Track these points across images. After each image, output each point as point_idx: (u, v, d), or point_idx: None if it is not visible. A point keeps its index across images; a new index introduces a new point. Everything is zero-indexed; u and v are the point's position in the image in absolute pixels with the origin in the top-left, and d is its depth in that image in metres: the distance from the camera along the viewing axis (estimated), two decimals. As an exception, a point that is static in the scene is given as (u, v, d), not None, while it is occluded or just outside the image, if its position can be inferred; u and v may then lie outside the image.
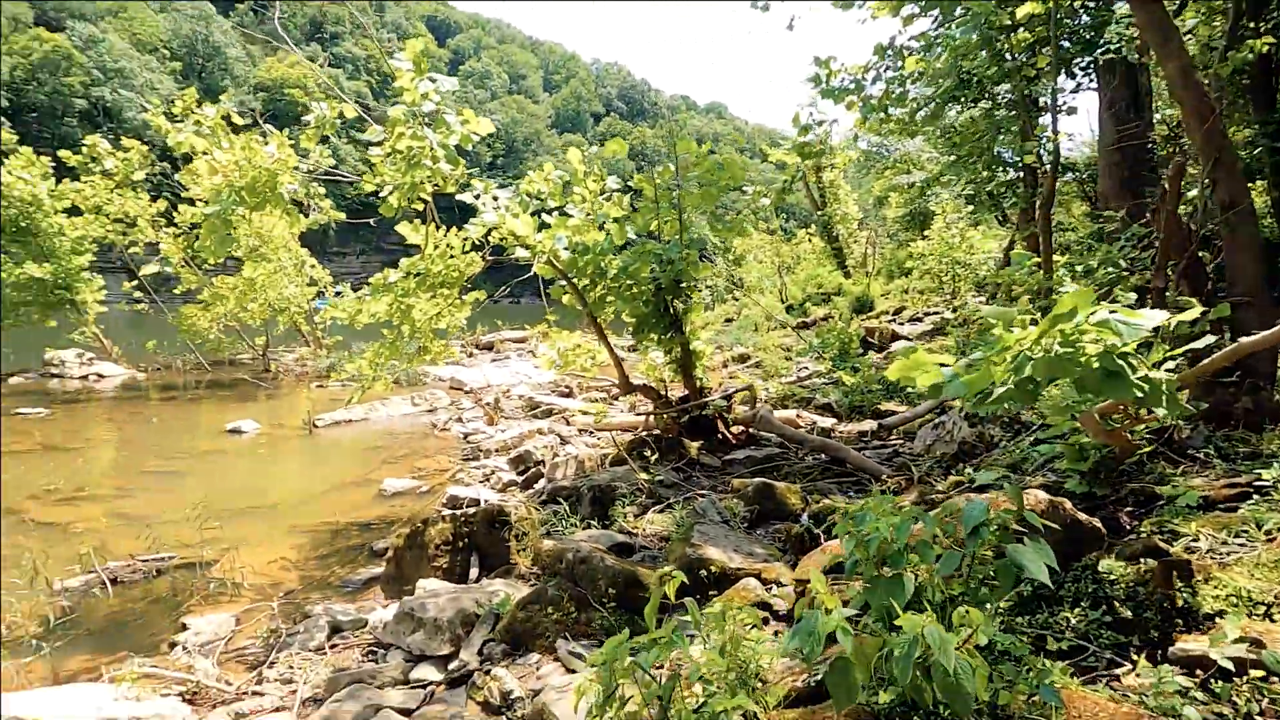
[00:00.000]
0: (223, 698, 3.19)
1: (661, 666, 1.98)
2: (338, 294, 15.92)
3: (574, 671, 2.75)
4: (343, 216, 11.44)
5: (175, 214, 13.68)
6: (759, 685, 2.00)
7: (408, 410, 10.78)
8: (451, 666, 2.95)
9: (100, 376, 14.13)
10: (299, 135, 4.29)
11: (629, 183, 6.01)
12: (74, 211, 14.12)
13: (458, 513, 4.29)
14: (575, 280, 5.64)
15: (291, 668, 3.38)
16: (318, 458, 8.50)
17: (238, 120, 4.34)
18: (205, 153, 3.98)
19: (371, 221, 5.18)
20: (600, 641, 2.97)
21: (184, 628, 3.90)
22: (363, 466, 7.78)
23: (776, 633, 2.78)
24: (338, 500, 6.55)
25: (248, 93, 64.25)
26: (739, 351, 13.47)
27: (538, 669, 2.83)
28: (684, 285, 5.83)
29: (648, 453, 5.63)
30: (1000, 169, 9.40)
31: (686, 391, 6.48)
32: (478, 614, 3.20)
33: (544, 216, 5.40)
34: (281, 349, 16.89)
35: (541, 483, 6.52)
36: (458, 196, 4.58)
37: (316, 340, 16.08)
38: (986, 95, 7.80)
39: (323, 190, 10.44)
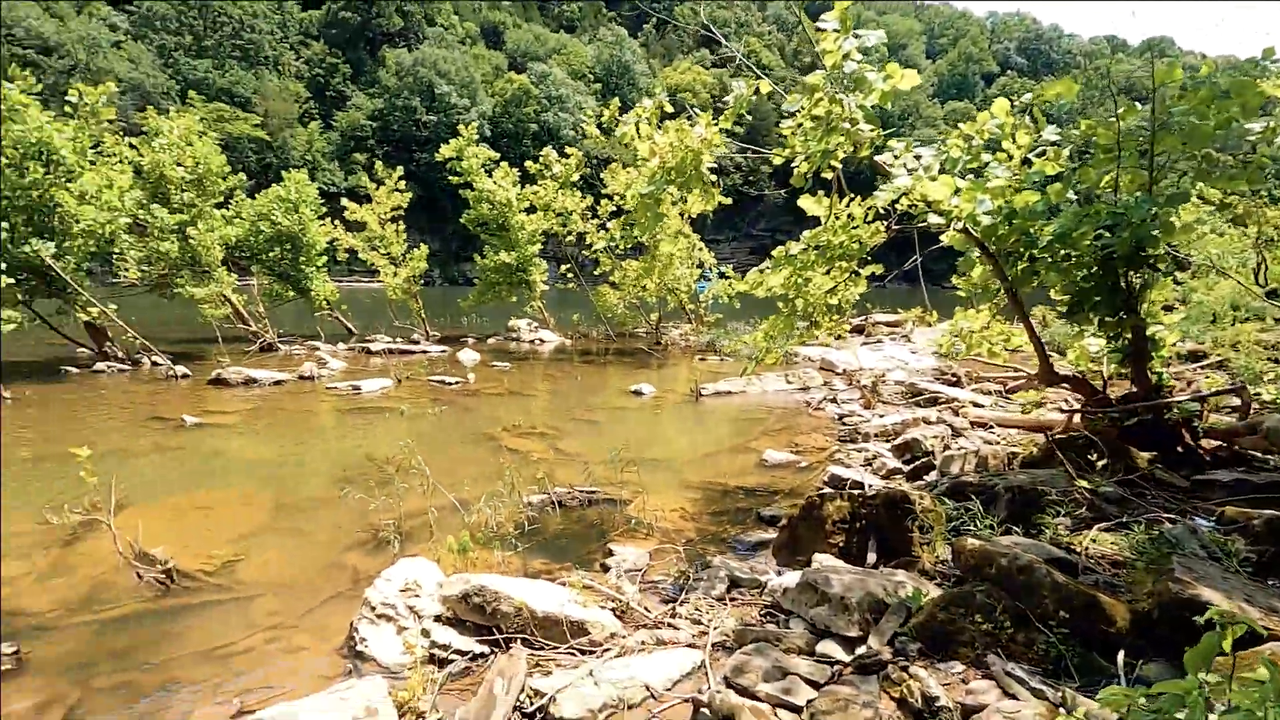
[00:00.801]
0: (644, 621, 3.59)
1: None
2: (721, 275, 17.12)
3: (1012, 696, 2.35)
4: (729, 201, 12.07)
5: (598, 208, 16.31)
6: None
7: (781, 387, 11.01)
8: (859, 651, 2.80)
9: (542, 341, 17.78)
10: (720, 118, 4.58)
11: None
12: (530, 210, 17.89)
13: (856, 493, 4.12)
14: (994, 250, 4.91)
15: (699, 610, 3.64)
16: (702, 423, 9.23)
17: (668, 109, 4.86)
18: (648, 137, 4.53)
19: (780, 192, 5.23)
20: (1046, 669, 2.49)
21: (611, 553, 4.53)
22: (742, 435, 8.17)
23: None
24: (722, 463, 6.98)
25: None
26: (1188, 347, 10.54)
27: (964, 681, 2.50)
28: (1147, 254, 4.61)
29: (1092, 456, 4.65)
30: None
31: (1135, 388, 5.19)
32: (886, 602, 2.99)
33: (958, 180, 4.80)
34: (670, 325, 18.95)
35: (932, 475, 5.96)
36: (876, 159, 4.33)
37: (698, 317, 17.60)
38: None
39: (713, 177, 11.19)
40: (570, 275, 17.95)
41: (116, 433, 7.86)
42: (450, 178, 17.46)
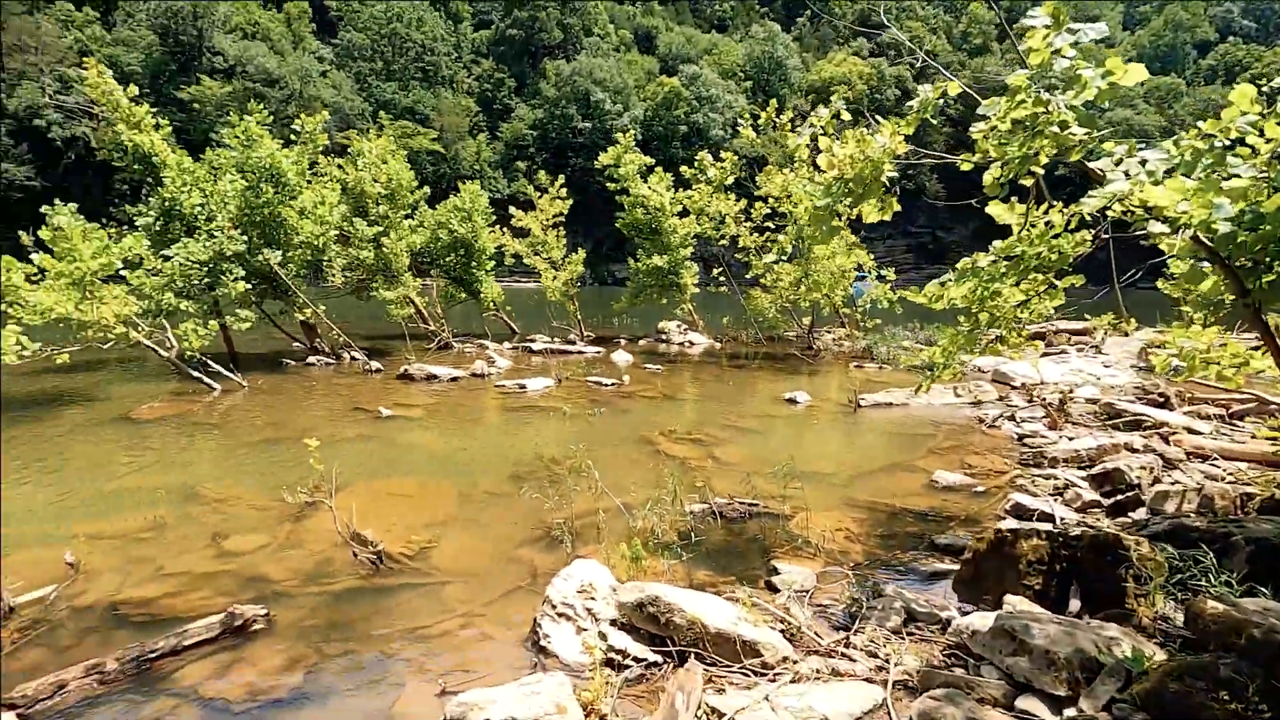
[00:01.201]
0: (815, 648, 3.52)
1: None
2: (879, 277, 16.28)
3: (1274, 795, 2.03)
4: (897, 206, 11.46)
5: (751, 210, 16.15)
6: None
7: (949, 400, 10.28)
8: (1068, 713, 2.55)
9: (691, 344, 17.92)
10: (903, 123, 4.35)
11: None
12: (682, 213, 18.08)
13: (1052, 529, 3.76)
14: (1233, 261, 4.25)
15: (874, 642, 3.50)
16: (863, 436, 8.84)
17: (845, 116, 4.70)
18: (827, 149, 4.42)
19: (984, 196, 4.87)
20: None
21: (775, 571, 4.48)
22: (907, 452, 7.73)
23: None
24: (887, 481, 6.65)
25: (801, 96, 71.39)
26: None
27: (1205, 766, 2.20)
28: None
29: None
30: None
31: None
32: (1100, 661, 2.70)
33: (1186, 180, 4.20)
34: (823, 329, 18.35)
35: (1140, 512, 5.31)
36: (1087, 164, 3.91)
37: (854, 322, 16.87)
38: None
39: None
40: (722, 278, 17.92)
41: (327, 422, 8.99)
42: (607, 184, 18.07)
